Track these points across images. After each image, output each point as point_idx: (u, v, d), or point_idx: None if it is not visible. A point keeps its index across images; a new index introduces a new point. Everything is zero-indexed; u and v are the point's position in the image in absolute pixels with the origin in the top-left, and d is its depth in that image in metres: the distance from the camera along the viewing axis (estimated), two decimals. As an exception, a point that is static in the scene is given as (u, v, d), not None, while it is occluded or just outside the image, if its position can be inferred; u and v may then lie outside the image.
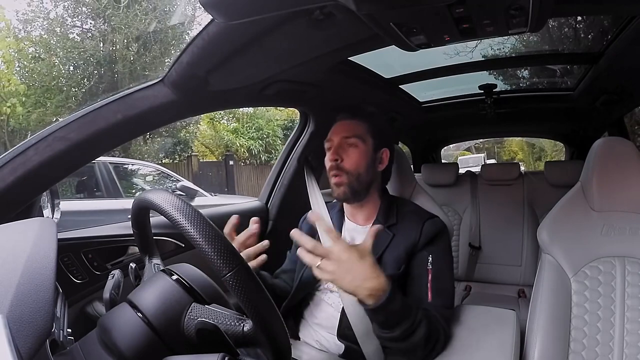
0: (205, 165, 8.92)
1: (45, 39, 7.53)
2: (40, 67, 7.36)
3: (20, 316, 0.37)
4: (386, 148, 0.95)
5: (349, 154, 0.90)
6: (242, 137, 9.43)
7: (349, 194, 0.91)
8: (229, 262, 0.44)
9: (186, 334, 0.49)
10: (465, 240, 1.99)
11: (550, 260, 0.90)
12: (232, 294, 0.45)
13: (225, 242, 0.45)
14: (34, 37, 7.54)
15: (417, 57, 0.88)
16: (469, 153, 13.88)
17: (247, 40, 0.78)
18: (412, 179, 1.28)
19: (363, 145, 0.90)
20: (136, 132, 0.93)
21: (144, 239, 0.64)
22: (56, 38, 7.52)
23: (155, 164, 6.15)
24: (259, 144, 9.43)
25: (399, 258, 0.87)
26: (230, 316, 0.49)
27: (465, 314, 0.94)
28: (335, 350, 0.89)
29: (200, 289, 0.52)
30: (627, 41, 1.03)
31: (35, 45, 7.54)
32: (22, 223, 0.54)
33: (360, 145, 0.90)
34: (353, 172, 0.89)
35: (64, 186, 4.17)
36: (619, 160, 0.88)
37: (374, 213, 0.95)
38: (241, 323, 0.48)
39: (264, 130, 9.62)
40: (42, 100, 7.36)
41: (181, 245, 1.12)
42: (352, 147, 0.90)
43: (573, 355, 0.82)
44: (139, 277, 0.65)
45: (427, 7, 0.62)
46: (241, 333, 0.48)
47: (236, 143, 9.32)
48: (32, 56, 7.48)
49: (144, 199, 0.52)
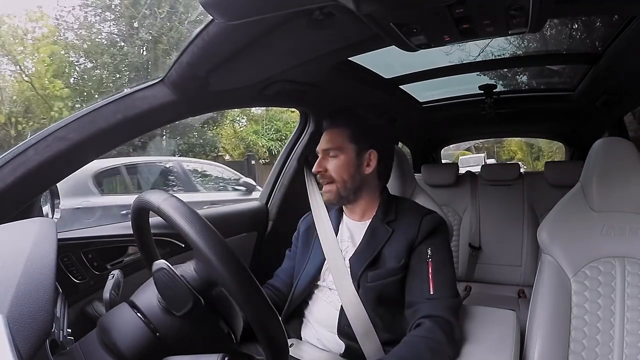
0: (230, 164, 9.70)
1: (90, 45, 7.96)
2: (84, 72, 7.85)
3: (20, 316, 0.37)
4: (372, 150, 0.93)
5: (331, 164, 0.93)
6: (262, 138, 10.25)
7: (335, 200, 0.94)
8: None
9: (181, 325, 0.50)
10: (465, 240, 1.99)
11: (550, 261, 0.90)
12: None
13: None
14: (78, 42, 7.94)
15: (417, 57, 0.88)
16: (469, 153, 13.97)
17: (247, 40, 0.78)
18: (412, 179, 1.28)
19: (342, 155, 0.92)
20: (136, 132, 0.92)
21: (144, 241, 0.64)
22: (100, 45, 7.99)
23: (218, 163, 6.65)
24: (278, 145, 10.15)
25: (399, 253, 0.87)
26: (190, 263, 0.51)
27: (465, 314, 0.94)
28: (336, 350, 0.89)
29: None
30: (627, 41, 1.03)
31: (79, 51, 7.95)
32: (22, 223, 0.54)
33: (340, 155, 0.92)
34: (338, 179, 0.92)
35: (156, 180, 4.61)
36: (619, 160, 0.88)
37: (372, 209, 0.96)
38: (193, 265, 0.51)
39: (282, 132, 10.36)
40: (84, 105, 7.64)
41: (181, 246, 1.12)
42: (332, 158, 0.93)
43: (573, 356, 0.82)
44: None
45: (427, 7, 0.62)
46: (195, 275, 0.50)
47: (258, 143, 10.13)
48: (75, 61, 7.90)
49: (155, 208, 0.52)
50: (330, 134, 0.95)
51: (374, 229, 0.92)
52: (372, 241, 0.91)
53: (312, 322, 0.94)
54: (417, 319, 0.81)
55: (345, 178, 0.92)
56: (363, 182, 0.94)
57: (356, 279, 0.88)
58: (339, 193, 0.93)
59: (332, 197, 0.94)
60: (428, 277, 0.84)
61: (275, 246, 1.23)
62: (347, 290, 0.88)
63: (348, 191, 0.93)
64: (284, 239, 1.13)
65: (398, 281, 0.87)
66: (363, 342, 0.85)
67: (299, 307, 0.97)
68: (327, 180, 0.93)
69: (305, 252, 1.01)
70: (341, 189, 0.93)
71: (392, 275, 0.86)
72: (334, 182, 0.93)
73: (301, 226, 1.07)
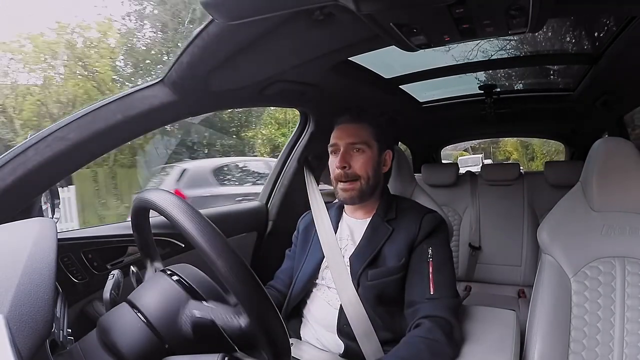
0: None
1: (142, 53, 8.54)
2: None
3: (20, 316, 0.37)
4: (389, 150, 0.96)
5: (356, 159, 0.91)
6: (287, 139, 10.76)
7: (357, 198, 0.92)
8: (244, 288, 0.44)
9: (183, 330, 0.49)
10: (465, 240, 1.99)
11: (550, 261, 0.90)
12: (242, 308, 0.45)
13: (243, 265, 0.45)
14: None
15: (417, 57, 0.88)
16: (467, 153, 14.08)
17: (247, 40, 0.78)
18: (412, 179, 1.28)
19: (369, 150, 0.91)
20: (136, 132, 0.92)
21: (144, 241, 0.64)
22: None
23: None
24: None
25: (399, 251, 0.87)
26: (227, 310, 0.49)
27: (465, 314, 0.94)
28: (335, 350, 0.89)
29: (198, 286, 0.52)
30: (627, 41, 1.03)
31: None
32: (22, 223, 0.54)
33: (367, 151, 0.91)
34: (363, 177, 0.90)
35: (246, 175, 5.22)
36: (619, 160, 0.88)
37: (373, 208, 0.96)
38: (238, 317, 0.48)
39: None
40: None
41: (181, 246, 1.12)
42: (359, 153, 0.91)
43: (573, 356, 0.82)
44: (140, 281, 0.65)
45: (427, 7, 0.62)
46: (238, 328, 0.48)
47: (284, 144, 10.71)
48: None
49: (160, 209, 0.50)
50: (353, 129, 0.92)
51: (375, 227, 0.92)
52: (373, 239, 0.90)
53: (311, 322, 0.94)
54: (417, 319, 0.81)
55: (370, 175, 0.91)
56: (379, 181, 0.95)
57: (356, 277, 0.88)
58: (362, 190, 0.91)
59: (355, 194, 0.91)
60: (429, 277, 0.84)
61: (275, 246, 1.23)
62: (346, 288, 0.88)
63: (370, 189, 0.92)
64: (284, 238, 1.14)
65: (398, 280, 0.86)
66: (362, 342, 0.85)
67: (297, 306, 0.97)
68: (350, 177, 0.90)
69: (304, 250, 1.01)
70: (364, 186, 0.91)
71: (393, 274, 0.86)
72: (358, 180, 0.90)
73: (300, 225, 1.08)
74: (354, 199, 0.92)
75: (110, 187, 6.45)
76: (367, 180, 0.91)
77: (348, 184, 0.91)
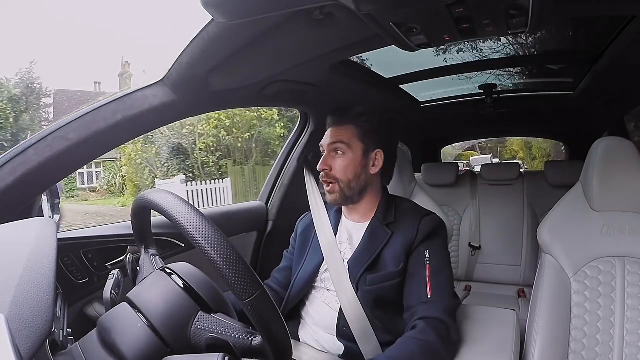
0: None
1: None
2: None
3: (20, 316, 0.37)
4: (379, 149, 0.93)
5: (336, 162, 0.91)
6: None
7: (340, 200, 0.93)
8: (248, 288, 0.45)
9: (192, 342, 0.49)
10: (465, 240, 1.99)
11: (550, 260, 0.90)
12: (249, 317, 0.45)
13: (245, 267, 0.45)
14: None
15: (417, 57, 0.88)
16: (476, 153, 14.20)
17: (247, 40, 0.78)
18: (412, 179, 1.28)
19: (350, 152, 0.91)
20: (136, 132, 0.92)
21: (141, 228, 0.64)
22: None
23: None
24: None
25: (398, 255, 0.87)
26: (240, 330, 0.49)
27: (465, 314, 0.94)
28: (335, 351, 0.89)
29: (207, 297, 0.52)
30: (627, 41, 1.03)
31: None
32: (22, 223, 0.54)
33: (347, 152, 0.91)
34: (343, 179, 0.91)
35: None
36: (619, 160, 0.88)
37: (372, 210, 0.95)
38: (250, 337, 0.49)
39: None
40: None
41: (181, 245, 1.12)
42: (338, 156, 0.91)
43: (573, 355, 0.82)
44: (135, 270, 0.65)
45: (427, 7, 0.62)
46: (249, 346, 0.48)
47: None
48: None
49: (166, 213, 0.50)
50: (335, 130, 0.93)
51: (373, 231, 0.91)
52: (371, 244, 0.90)
53: (310, 324, 0.94)
54: (413, 321, 0.81)
55: (350, 178, 0.90)
56: (368, 182, 0.93)
57: (355, 281, 0.87)
58: (343, 193, 0.91)
59: (337, 197, 0.92)
60: (426, 281, 0.84)
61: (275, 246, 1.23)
62: (346, 291, 0.87)
63: (353, 191, 0.92)
64: (284, 239, 1.13)
65: (397, 285, 0.86)
66: (362, 343, 0.85)
67: (295, 307, 0.97)
68: (330, 179, 0.91)
69: (303, 252, 1.00)
70: (345, 189, 0.91)
71: (391, 279, 0.86)
72: (336, 182, 0.91)
73: (298, 227, 1.07)
74: (337, 201, 0.93)
75: (252, 179, 8.63)
76: (348, 182, 0.91)
77: (328, 186, 0.92)
